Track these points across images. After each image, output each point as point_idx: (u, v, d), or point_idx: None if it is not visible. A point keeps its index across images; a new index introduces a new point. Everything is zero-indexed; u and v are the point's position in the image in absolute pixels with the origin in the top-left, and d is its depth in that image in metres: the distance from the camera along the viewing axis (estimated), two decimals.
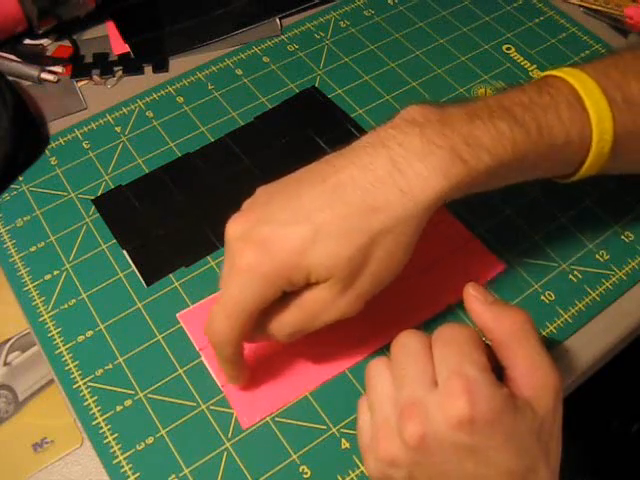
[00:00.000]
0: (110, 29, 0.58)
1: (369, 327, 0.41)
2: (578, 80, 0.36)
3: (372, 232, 0.33)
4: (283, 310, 0.35)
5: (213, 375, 0.40)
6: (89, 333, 0.42)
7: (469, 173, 0.33)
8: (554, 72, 0.38)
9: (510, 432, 0.30)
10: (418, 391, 0.30)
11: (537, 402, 0.31)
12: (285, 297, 0.35)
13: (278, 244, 0.33)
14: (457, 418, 0.29)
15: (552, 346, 0.41)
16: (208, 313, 0.40)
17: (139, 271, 0.44)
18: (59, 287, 0.43)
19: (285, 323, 0.35)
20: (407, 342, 0.33)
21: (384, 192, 0.33)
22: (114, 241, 0.45)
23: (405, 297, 0.42)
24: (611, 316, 0.42)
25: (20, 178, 0.49)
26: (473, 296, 0.34)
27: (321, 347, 0.40)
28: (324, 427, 0.38)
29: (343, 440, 0.38)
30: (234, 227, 0.35)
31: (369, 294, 0.35)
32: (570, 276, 0.44)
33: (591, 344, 0.41)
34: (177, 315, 0.42)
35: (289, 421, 0.38)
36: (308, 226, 0.33)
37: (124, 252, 0.45)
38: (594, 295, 0.43)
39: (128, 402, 0.39)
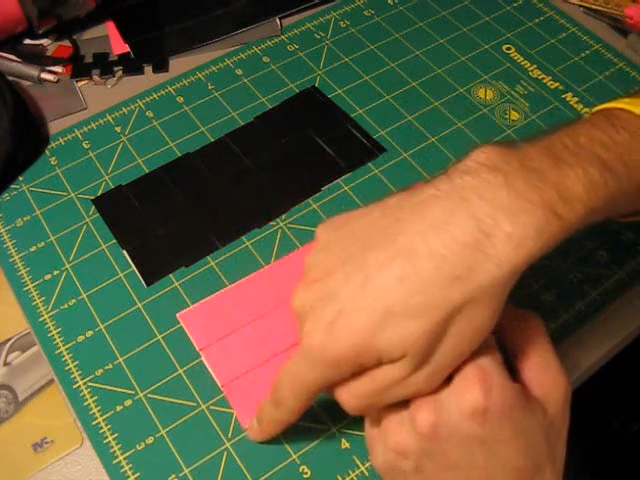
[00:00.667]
0: (110, 29, 0.58)
1: None
2: None
3: (451, 306, 0.28)
4: (356, 388, 0.32)
5: (213, 375, 0.40)
6: (89, 333, 0.42)
7: (564, 228, 0.29)
8: (615, 104, 0.35)
9: (520, 428, 0.30)
10: None
11: (548, 402, 0.31)
12: (357, 375, 0.32)
13: (344, 327, 0.29)
14: (471, 407, 0.29)
15: (552, 346, 0.41)
16: (208, 313, 0.40)
17: (139, 271, 0.44)
18: (59, 287, 0.43)
19: (354, 394, 0.32)
20: None
21: (464, 258, 0.28)
22: (114, 241, 0.45)
23: None
24: (611, 316, 0.42)
25: (20, 178, 0.49)
26: None
27: None
28: (324, 427, 0.38)
29: (343, 440, 0.38)
30: (300, 297, 0.32)
31: (450, 368, 0.30)
32: (570, 276, 0.44)
33: (591, 344, 0.41)
34: (177, 315, 0.42)
35: None
36: (376, 306, 0.29)
37: (124, 252, 0.45)
38: (594, 295, 0.43)
39: (128, 402, 0.39)
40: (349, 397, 0.32)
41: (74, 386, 0.40)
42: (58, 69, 0.55)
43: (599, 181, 0.30)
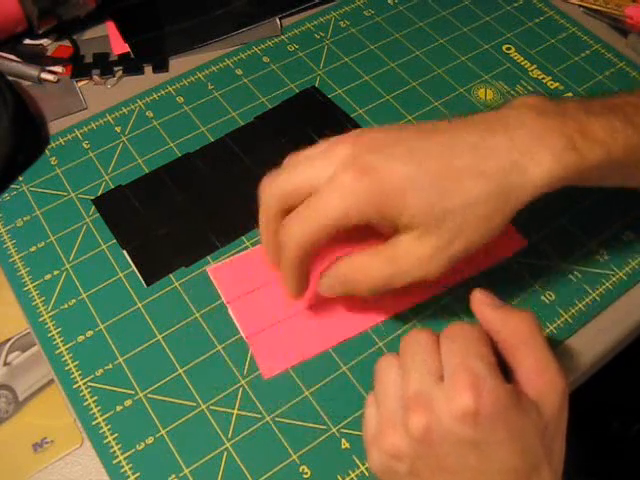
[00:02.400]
0: (110, 29, 0.58)
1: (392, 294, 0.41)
2: None
3: (473, 195, 0.33)
4: (369, 260, 0.35)
5: (239, 327, 0.41)
6: (89, 333, 0.42)
7: (581, 163, 0.34)
8: None
9: (514, 429, 0.30)
10: (424, 384, 0.31)
11: (543, 403, 0.31)
12: (371, 250, 0.36)
13: (384, 175, 0.33)
14: (462, 411, 0.29)
15: (552, 346, 0.41)
16: (237, 269, 0.43)
17: (139, 271, 0.44)
18: (59, 287, 0.43)
19: (371, 274, 0.35)
20: (416, 338, 0.33)
21: (497, 160, 0.33)
22: (114, 241, 0.45)
23: None
24: (611, 316, 0.42)
25: (20, 178, 0.49)
26: (480, 300, 0.34)
27: (344, 306, 0.41)
28: (324, 427, 0.38)
29: (343, 440, 0.38)
30: (343, 147, 0.35)
31: (459, 258, 0.35)
32: (570, 276, 0.44)
33: (591, 344, 0.41)
34: (207, 269, 0.43)
35: (289, 421, 0.38)
36: (417, 168, 0.33)
37: (124, 252, 0.45)
38: (594, 295, 0.43)
39: (128, 402, 0.39)
40: (367, 279, 0.35)
41: (74, 386, 0.40)
42: (58, 69, 0.55)
43: (620, 130, 0.35)
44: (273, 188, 0.36)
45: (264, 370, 0.40)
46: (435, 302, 0.42)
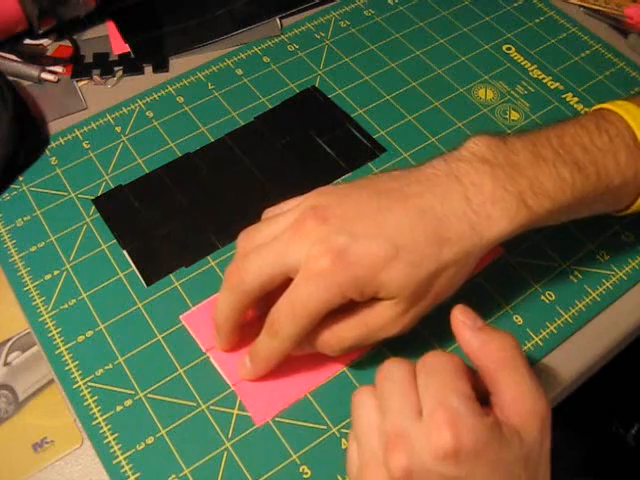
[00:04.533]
0: (110, 29, 0.58)
1: None
2: (633, 118, 0.39)
3: (442, 262, 0.35)
4: (345, 326, 0.36)
5: (222, 375, 0.40)
6: (89, 333, 0.42)
7: (531, 217, 0.36)
8: (609, 106, 0.40)
9: (497, 461, 0.29)
10: (403, 422, 0.30)
11: (524, 429, 0.30)
12: (346, 312, 0.36)
13: (358, 257, 0.34)
14: (442, 450, 0.29)
15: (552, 347, 0.41)
16: (211, 313, 0.41)
17: (139, 271, 0.44)
18: (59, 287, 0.43)
19: (345, 338, 0.36)
20: (392, 371, 0.32)
21: (458, 227, 0.35)
22: (114, 241, 0.45)
23: None
24: (611, 316, 0.42)
25: (20, 178, 0.49)
26: (461, 321, 0.34)
27: None
28: (324, 427, 0.38)
29: (343, 440, 0.38)
30: (312, 226, 0.35)
31: (425, 313, 0.37)
32: (570, 276, 0.44)
33: (591, 345, 0.41)
34: (180, 317, 0.42)
35: (289, 421, 0.38)
36: (390, 245, 0.34)
37: (124, 252, 0.45)
38: (594, 295, 0.43)
39: (128, 402, 0.39)
40: (339, 340, 0.36)
41: (74, 386, 0.40)
42: (58, 69, 0.55)
43: (569, 180, 0.36)
44: (243, 283, 0.36)
45: (255, 418, 0.38)
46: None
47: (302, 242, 0.34)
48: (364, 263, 0.34)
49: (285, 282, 0.35)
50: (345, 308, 0.36)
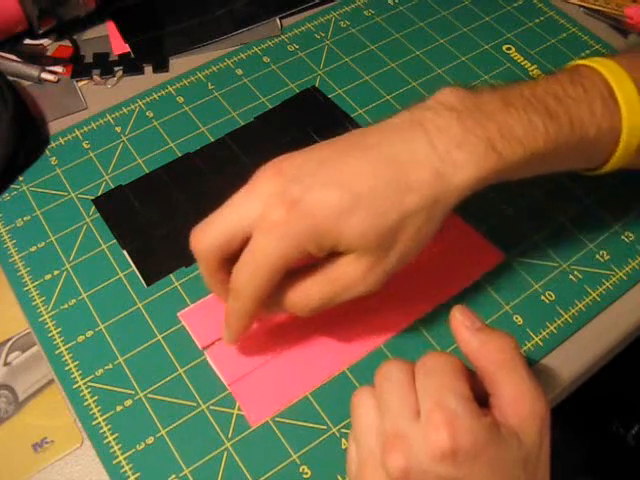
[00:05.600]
0: (110, 29, 0.58)
1: (370, 322, 0.41)
2: (611, 72, 0.37)
3: (406, 210, 0.33)
4: (309, 283, 0.35)
5: (218, 374, 0.40)
6: (89, 333, 0.42)
7: (501, 163, 0.34)
8: (586, 62, 0.38)
9: (495, 462, 0.29)
10: (401, 422, 0.30)
11: (523, 431, 0.30)
12: (310, 270, 0.35)
13: (315, 206, 0.33)
14: (439, 451, 0.29)
15: (552, 347, 0.41)
16: (209, 311, 0.40)
17: (139, 271, 0.44)
18: (59, 287, 0.43)
19: (311, 296, 0.35)
20: (391, 371, 0.32)
21: (421, 173, 0.33)
22: (114, 241, 0.45)
23: (405, 290, 0.42)
24: (611, 316, 0.42)
25: (20, 178, 0.49)
26: (460, 321, 0.33)
27: (324, 344, 0.41)
28: (324, 427, 0.38)
29: (343, 440, 0.38)
30: (266, 181, 0.34)
31: (394, 270, 0.35)
32: (570, 276, 0.44)
33: (592, 344, 0.41)
34: (178, 314, 0.42)
35: (289, 421, 0.38)
36: (348, 194, 0.33)
37: (124, 252, 0.45)
38: (594, 295, 0.43)
39: (128, 402, 0.39)
40: (305, 299, 0.35)
41: (74, 386, 0.40)
42: (58, 69, 0.55)
43: (540, 128, 0.34)
44: (206, 242, 0.35)
45: (250, 419, 0.38)
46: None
47: (257, 196, 0.34)
48: (321, 212, 0.32)
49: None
50: (309, 267, 0.35)
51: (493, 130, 0.34)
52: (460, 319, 0.33)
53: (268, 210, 0.33)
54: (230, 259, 0.36)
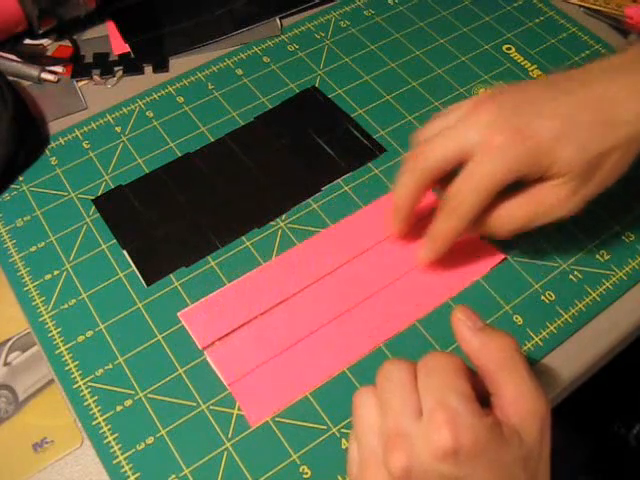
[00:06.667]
0: (110, 29, 0.58)
1: (371, 320, 0.41)
2: None
3: (610, 144, 0.37)
4: (514, 204, 0.38)
5: (218, 374, 0.40)
6: (89, 333, 0.42)
7: None
8: None
9: (496, 461, 0.29)
10: (403, 422, 0.30)
11: (524, 430, 0.30)
12: (514, 193, 0.38)
13: (533, 132, 0.36)
14: (441, 450, 0.29)
15: (552, 347, 0.41)
16: (209, 311, 0.40)
17: (139, 271, 0.44)
18: (59, 287, 0.43)
19: (515, 217, 0.39)
20: (392, 371, 0.32)
21: (625, 113, 0.37)
22: (114, 241, 0.45)
23: (406, 290, 0.42)
24: (611, 316, 0.42)
25: (20, 178, 0.49)
26: (461, 321, 0.34)
27: (324, 344, 0.41)
28: (324, 427, 0.38)
29: (343, 440, 0.38)
30: (487, 112, 0.37)
31: (592, 197, 0.39)
32: (570, 276, 0.44)
33: (592, 344, 0.41)
34: (178, 314, 0.42)
35: (289, 421, 0.38)
36: (563, 122, 0.36)
37: (124, 252, 0.45)
38: (594, 295, 0.43)
39: (128, 402, 0.39)
40: (510, 220, 0.39)
41: (74, 386, 0.40)
42: (58, 69, 0.55)
43: None
44: (427, 161, 0.38)
45: (250, 419, 0.38)
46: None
47: (480, 123, 0.37)
48: (540, 138, 0.36)
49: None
50: (516, 191, 0.38)
51: None
52: (462, 319, 0.34)
53: (491, 134, 0.36)
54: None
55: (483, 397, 0.31)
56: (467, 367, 0.32)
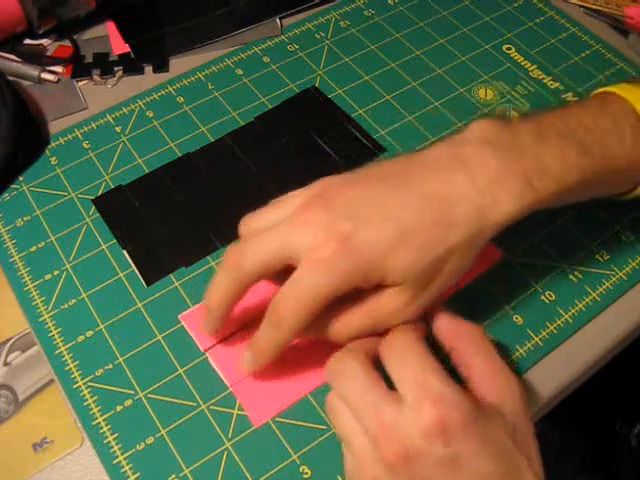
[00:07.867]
0: (110, 29, 0.58)
1: None
2: (638, 99, 0.38)
3: (448, 245, 0.34)
4: (351, 313, 0.35)
5: (221, 375, 0.40)
6: (89, 333, 0.42)
7: (537, 199, 0.35)
8: (613, 89, 0.40)
9: (485, 436, 0.30)
10: (385, 416, 0.31)
11: (503, 405, 0.32)
12: (351, 300, 0.35)
13: (363, 243, 0.33)
14: (433, 432, 0.29)
15: (552, 347, 0.41)
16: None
17: (139, 271, 0.44)
18: (59, 287, 0.43)
19: (352, 325, 0.35)
20: (342, 368, 0.33)
21: (463, 210, 0.34)
22: (114, 241, 0.45)
23: None
24: (611, 316, 0.42)
25: (20, 178, 0.49)
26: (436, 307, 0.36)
27: (325, 344, 0.40)
28: (324, 427, 0.38)
29: None
30: (316, 214, 0.34)
31: (432, 301, 0.36)
32: (570, 276, 0.44)
33: (592, 344, 0.41)
34: (179, 316, 0.42)
35: (289, 421, 0.38)
36: (395, 230, 0.33)
37: (124, 252, 0.45)
38: (594, 295, 0.43)
39: (128, 402, 0.39)
40: (346, 328, 0.35)
41: (74, 386, 0.40)
42: (58, 69, 0.55)
43: (574, 163, 0.36)
44: (249, 262, 0.35)
45: (253, 419, 0.38)
46: None
47: (306, 228, 0.34)
48: (369, 249, 0.33)
49: (282, 270, 0.35)
50: (351, 295, 0.35)
51: (530, 166, 0.35)
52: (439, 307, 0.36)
53: (318, 244, 0.33)
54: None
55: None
56: (425, 341, 0.33)
